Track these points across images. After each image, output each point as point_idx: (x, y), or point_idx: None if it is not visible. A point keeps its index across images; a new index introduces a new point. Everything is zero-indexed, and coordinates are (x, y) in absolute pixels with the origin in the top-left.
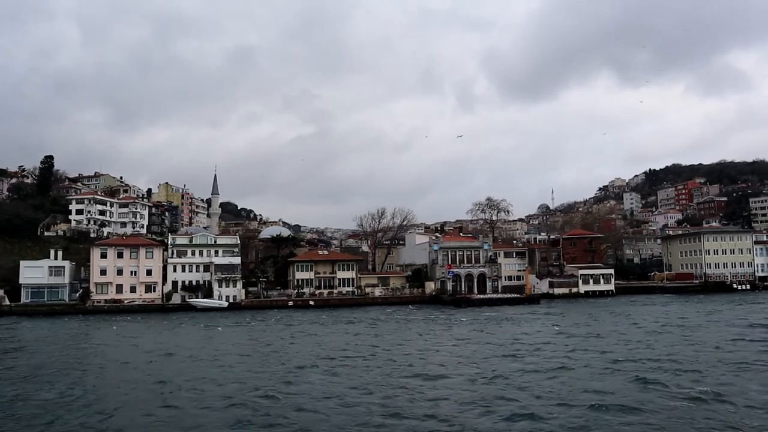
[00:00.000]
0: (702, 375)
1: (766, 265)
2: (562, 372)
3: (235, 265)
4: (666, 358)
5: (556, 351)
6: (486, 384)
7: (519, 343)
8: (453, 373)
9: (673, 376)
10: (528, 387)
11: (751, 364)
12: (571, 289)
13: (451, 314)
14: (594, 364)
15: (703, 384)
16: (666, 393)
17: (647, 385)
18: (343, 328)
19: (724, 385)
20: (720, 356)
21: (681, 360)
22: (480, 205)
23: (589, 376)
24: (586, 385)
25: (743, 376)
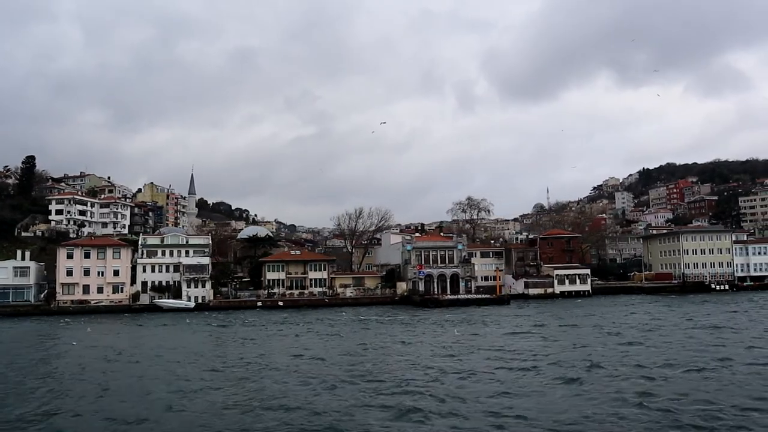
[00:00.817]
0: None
1: (746, 265)
2: (469, 378)
3: (204, 265)
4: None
5: (485, 357)
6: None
7: (455, 346)
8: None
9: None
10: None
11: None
12: (546, 290)
13: (415, 315)
14: (502, 370)
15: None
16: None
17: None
18: (294, 330)
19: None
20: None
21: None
22: (461, 204)
23: (479, 382)
24: (488, 388)
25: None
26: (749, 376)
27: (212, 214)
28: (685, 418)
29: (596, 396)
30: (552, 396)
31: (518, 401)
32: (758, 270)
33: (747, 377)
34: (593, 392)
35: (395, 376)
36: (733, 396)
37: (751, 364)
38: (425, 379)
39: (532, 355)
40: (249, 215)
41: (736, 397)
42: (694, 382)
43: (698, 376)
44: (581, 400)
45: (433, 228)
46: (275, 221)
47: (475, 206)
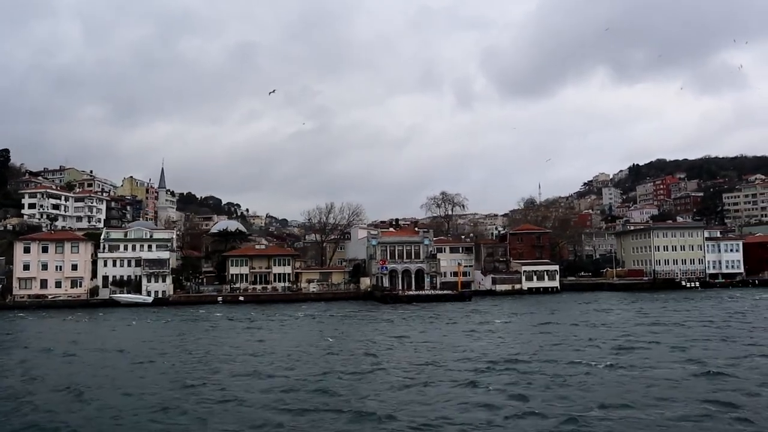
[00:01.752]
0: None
1: (718, 262)
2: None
3: (164, 260)
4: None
5: (404, 353)
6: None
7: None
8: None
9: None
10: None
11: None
12: (513, 286)
13: (370, 312)
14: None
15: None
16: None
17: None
18: (234, 326)
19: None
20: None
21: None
22: (435, 199)
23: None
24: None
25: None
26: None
27: (200, 208)
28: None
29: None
30: (406, 396)
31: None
32: (729, 267)
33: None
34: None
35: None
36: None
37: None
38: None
39: (429, 351)
40: (237, 210)
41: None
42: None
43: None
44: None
45: (407, 223)
46: (267, 216)
47: (450, 201)
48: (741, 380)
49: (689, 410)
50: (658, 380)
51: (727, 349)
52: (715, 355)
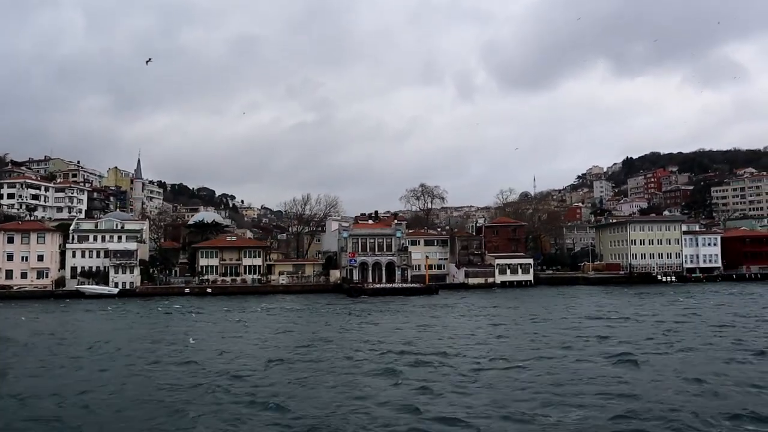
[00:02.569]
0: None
1: (695, 256)
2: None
3: (131, 251)
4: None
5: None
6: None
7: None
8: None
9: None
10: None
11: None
12: (486, 279)
13: (331, 305)
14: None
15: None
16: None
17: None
18: (183, 318)
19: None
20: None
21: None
22: (414, 191)
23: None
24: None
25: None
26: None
27: (191, 199)
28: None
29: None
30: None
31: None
32: (707, 261)
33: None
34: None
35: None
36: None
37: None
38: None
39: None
40: (229, 201)
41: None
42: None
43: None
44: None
45: (387, 215)
46: (262, 207)
47: (429, 193)
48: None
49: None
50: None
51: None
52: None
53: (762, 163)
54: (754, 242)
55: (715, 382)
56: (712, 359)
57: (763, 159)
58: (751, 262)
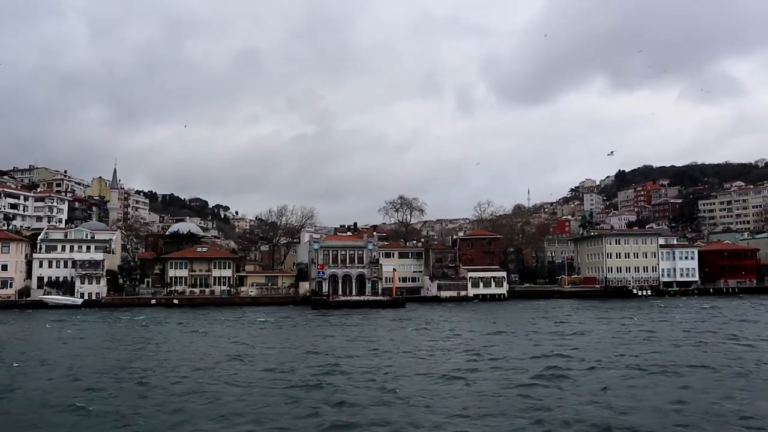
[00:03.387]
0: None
1: (672, 270)
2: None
3: (98, 261)
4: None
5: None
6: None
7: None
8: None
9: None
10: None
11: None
12: (459, 292)
13: (292, 318)
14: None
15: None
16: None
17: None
18: (123, 331)
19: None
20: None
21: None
22: (393, 204)
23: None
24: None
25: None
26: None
27: (180, 210)
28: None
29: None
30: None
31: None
32: (684, 275)
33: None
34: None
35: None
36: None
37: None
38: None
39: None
40: (220, 212)
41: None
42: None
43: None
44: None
45: (368, 227)
46: (256, 218)
47: (408, 205)
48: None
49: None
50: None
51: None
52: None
53: (752, 176)
54: (732, 256)
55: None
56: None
57: (753, 172)
58: (728, 276)
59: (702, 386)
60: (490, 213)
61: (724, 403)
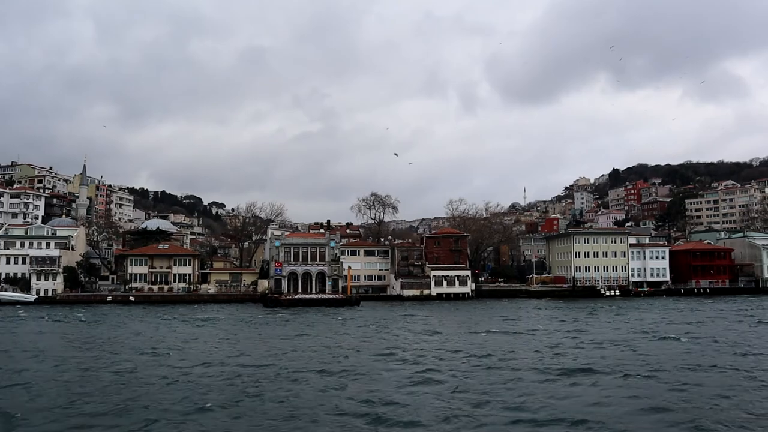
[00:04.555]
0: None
1: (643, 269)
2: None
3: (54, 257)
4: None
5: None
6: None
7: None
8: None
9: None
10: None
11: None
12: (422, 291)
13: (237, 314)
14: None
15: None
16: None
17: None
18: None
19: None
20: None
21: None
22: (366, 201)
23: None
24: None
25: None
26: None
27: (171, 207)
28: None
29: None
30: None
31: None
32: (655, 275)
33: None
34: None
35: None
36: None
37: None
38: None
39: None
40: (211, 209)
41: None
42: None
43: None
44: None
45: (342, 225)
46: (252, 216)
47: (381, 202)
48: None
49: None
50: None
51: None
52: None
53: (743, 175)
54: (705, 256)
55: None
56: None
57: (744, 171)
58: (701, 277)
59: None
60: (461, 211)
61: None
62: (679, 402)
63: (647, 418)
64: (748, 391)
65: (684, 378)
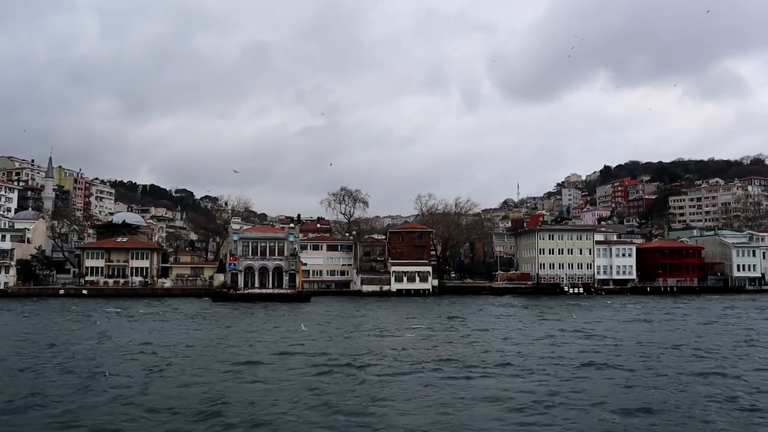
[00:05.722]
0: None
1: (609, 267)
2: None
3: (6, 250)
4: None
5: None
6: None
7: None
8: None
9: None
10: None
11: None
12: (382, 287)
13: (178, 310)
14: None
15: None
16: None
17: None
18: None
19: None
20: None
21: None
22: (336, 195)
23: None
24: None
25: None
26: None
27: (159, 200)
28: None
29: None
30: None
31: None
32: (621, 273)
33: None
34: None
35: None
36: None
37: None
38: None
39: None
40: (199, 203)
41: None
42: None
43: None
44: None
45: (314, 219)
46: (245, 209)
47: (351, 196)
48: None
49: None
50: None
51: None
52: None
53: (731, 173)
54: (674, 254)
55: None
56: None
57: (733, 169)
58: (668, 275)
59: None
60: (429, 207)
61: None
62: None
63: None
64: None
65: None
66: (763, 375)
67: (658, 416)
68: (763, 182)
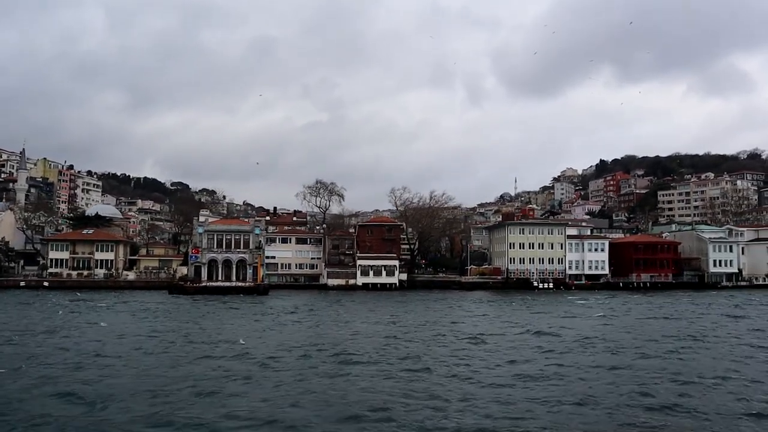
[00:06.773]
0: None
1: (581, 262)
2: None
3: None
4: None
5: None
6: None
7: None
8: None
9: None
10: None
11: None
12: (348, 281)
13: (128, 302)
14: None
15: None
16: None
17: None
18: None
19: None
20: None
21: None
22: (311, 188)
23: None
24: None
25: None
26: None
27: (152, 193)
28: None
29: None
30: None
31: None
32: (594, 268)
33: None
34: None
35: None
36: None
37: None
38: None
39: None
40: (195, 196)
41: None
42: None
43: None
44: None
45: (290, 212)
46: (244, 203)
47: (326, 189)
48: None
49: None
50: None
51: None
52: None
53: (724, 167)
54: (648, 249)
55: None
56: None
57: (727, 163)
58: (642, 270)
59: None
60: (404, 200)
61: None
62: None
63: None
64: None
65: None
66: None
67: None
68: (755, 177)
